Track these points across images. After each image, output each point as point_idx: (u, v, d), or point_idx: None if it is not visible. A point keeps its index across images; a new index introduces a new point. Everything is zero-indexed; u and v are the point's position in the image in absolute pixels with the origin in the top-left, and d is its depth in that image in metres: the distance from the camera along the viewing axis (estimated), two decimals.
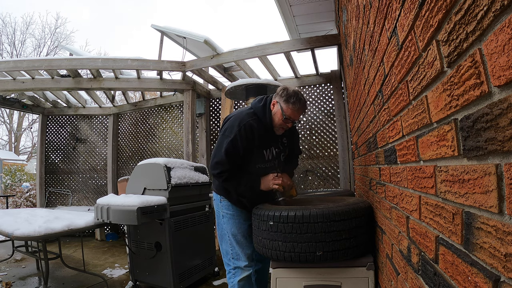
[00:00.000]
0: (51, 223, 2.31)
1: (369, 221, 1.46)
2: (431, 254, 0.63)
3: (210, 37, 3.41)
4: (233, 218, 1.81)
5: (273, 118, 1.71)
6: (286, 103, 1.65)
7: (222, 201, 1.85)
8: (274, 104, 1.70)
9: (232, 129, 1.66)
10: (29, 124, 18.08)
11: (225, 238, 1.83)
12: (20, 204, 7.59)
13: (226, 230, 1.82)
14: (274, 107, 1.70)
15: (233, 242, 1.80)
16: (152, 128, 5.06)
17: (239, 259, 1.78)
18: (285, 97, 1.65)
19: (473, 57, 0.42)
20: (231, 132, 1.66)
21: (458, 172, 0.49)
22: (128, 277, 2.89)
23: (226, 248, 1.82)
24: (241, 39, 50.97)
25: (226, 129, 1.70)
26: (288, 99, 1.64)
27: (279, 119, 1.69)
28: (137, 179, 2.65)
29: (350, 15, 1.81)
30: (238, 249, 1.78)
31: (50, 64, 3.79)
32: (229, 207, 1.83)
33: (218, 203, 1.87)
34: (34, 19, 32.99)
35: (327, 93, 3.99)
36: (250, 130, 1.67)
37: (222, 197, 1.84)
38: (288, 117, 1.67)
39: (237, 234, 1.79)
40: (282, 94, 1.67)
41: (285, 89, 1.68)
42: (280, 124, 1.71)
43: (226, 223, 1.82)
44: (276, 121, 1.71)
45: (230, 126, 1.69)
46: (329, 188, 3.80)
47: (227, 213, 1.83)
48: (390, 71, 0.86)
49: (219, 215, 1.88)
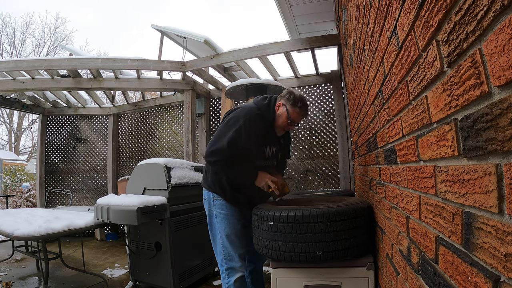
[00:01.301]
0: (51, 223, 2.31)
1: (369, 221, 1.46)
2: (431, 254, 0.63)
3: (210, 37, 3.41)
4: (226, 218, 1.78)
5: (276, 119, 1.74)
6: (293, 106, 1.70)
7: (215, 199, 1.81)
8: (279, 106, 1.74)
9: (238, 119, 1.66)
10: (29, 124, 18.10)
11: (217, 238, 1.81)
12: (20, 204, 7.58)
13: (219, 230, 1.80)
14: (279, 109, 1.74)
15: (226, 242, 1.77)
16: (152, 128, 5.06)
17: (232, 260, 1.76)
18: (292, 101, 1.70)
19: (473, 57, 0.42)
20: (236, 122, 1.65)
21: (458, 172, 0.49)
22: (128, 277, 2.89)
23: (219, 248, 1.80)
24: (241, 39, 51.06)
25: (230, 119, 1.69)
26: (295, 103, 1.70)
27: (284, 121, 1.73)
28: (137, 179, 2.65)
29: (350, 15, 1.81)
30: (231, 249, 1.76)
31: (50, 64, 3.79)
32: (223, 207, 1.79)
33: (211, 202, 1.83)
34: (34, 19, 33.04)
35: (327, 93, 3.99)
36: (255, 123, 1.68)
37: (216, 196, 1.80)
38: (292, 120, 1.72)
39: (230, 234, 1.76)
40: (289, 97, 1.71)
41: (292, 93, 1.72)
42: (283, 126, 1.75)
43: (219, 223, 1.79)
44: (280, 123, 1.74)
45: (235, 117, 1.68)
46: (329, 188, 3.80)
47: (220, 212, 1.79)
48: (390, 71, 0.86)
49: (211, 215, 1.84)
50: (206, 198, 1.88)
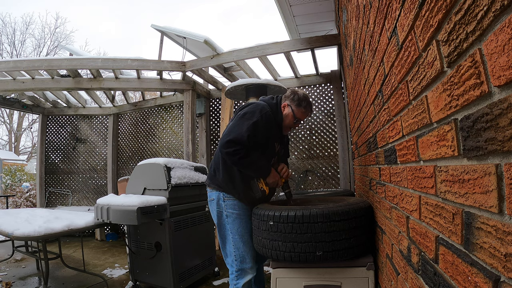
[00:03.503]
0: (51, 223, 2.31)
1: (369, 221, 1.46)
2: (431, 254, 0.63)
3: (210, 37, 3.41)
4: (239, 218, 1.75)
5: (284, 119, 1.81)
6: (298, 107, 1.78)
7: (226, 200, 1.77)
8: (285, 107, 1.80)
9: (254, 113, 1.70)
10: (29, 124, 18.09)
11: (228, 238, 1.76)
12: (20, 204, 7.58)
13: (230, 231, 1.75)
14: (285, 109, 1.80)
15: (238, 243, 1.73)
16: (152, 128, 5.06)
17: (244, 261, 1.73)
18: (296, 101, 1.77)
19: (473, 57, 0.42)
20: (252, 115, 1.69)
21: (458, 172, 0.49)
22: (128, 277, 2.89)
23: (230, 249, 1.76)
24: (241, 39, 51.19)
25: (246, 113, 1.71)
26: (300, 103, 1.77)
27: (290, 121, 1.80)
28: (137, 179, 2.65)
29: (350, 15, 1.81)
30: (244, 250, 1.73)
31: (50, 64, 3.79)
32: (235, 206, 1.75)
33: (221, 202, 1.78)
34: (34, 19, 32.99)
35: (327, 93, 3.99)
36: (269, 119, 1.74)
37: (227, 196, 1.77)
38: (298, 119, 1.80)
39: (244, 234, 1.74)
40: (294, 98, 1.78)
41: (296, 93, 1.79)
42: (290, 125, 1.82)
43: (231, 223, 1.75)
44: (287, 122, 1.81)
45: (251, 111, 1.71)
46: (329, 188, 3.80)
47: (233, 212, 1.75)
48: (390, 71, 0.86)
49: (220, 216, 1.79)
50: (214, 199, 1.81)
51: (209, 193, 1.86)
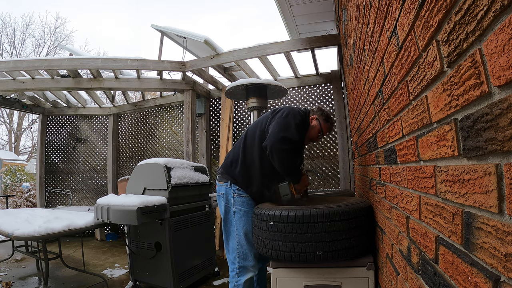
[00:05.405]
0: (51, 223, 2.31)
1: (369, 221, 1.46)
2: (431, 254, 0.63)
3: (210, 37, 3.41)
4: (246, 215, 1.77)
5: (309, 130, 1.89)
6: (326, 122, 1.90)
7: (236, 196, 1.79)
8: (313, 119, 1.89)
9: (295, 116, 1.76)
10: (29, 124, 18.09)
11: (233, 235, 1.78)
12: (20, 204, 7.59)
13: (236, 227, 1.77)
14: (313, 121, 1.89)
15: (242, 240, 1.75)
16: (152, 128, 5.06)
17: (246, 259, 1.74)
18: (324, 116, 1.90)
19: (473, 57, 0.42)
20: (294, 118, 1.75)
21: (458, 172, 0.49)
22: (128, 277, 2.89)
23: (233, 245, 1.77)
24: (241, 40, 51.23)
25: (287, 114, 1.76)
26: (327, 119, 1.90)
27: (315, 133, 1.89)
28: (137, 179, 2.65)
29: (350, 15, 1.81)
30: (247, 248, 1.74)
31: (50, 64, 3.78)
32: (244, 204, 1.78)
33: (229, 198, 1.80)
34: (34, 19, 32.99)
35: (327, 93, 3.99)
36: (305, 124, 1.85)
37: (237, 192, 1.79)
38: (322, 133, 1.91)
39: (249, 232, 1.75)
40: (323, 113, 1.90)
41: (323, 110, 1.92)
42: (312, 137, 1.92)
43: (238, 220, 1.77)
44: (312, 134, 1.89)
45: (293, 113, 1.78)
46: (329, 188, 3.80)
47: (240, 209, 1.77)
48: (390, 71, 0.86)
49: (228, 211, 1.81)
50: (223, 193, 1.83)
51: (218, 187, 1.88)
